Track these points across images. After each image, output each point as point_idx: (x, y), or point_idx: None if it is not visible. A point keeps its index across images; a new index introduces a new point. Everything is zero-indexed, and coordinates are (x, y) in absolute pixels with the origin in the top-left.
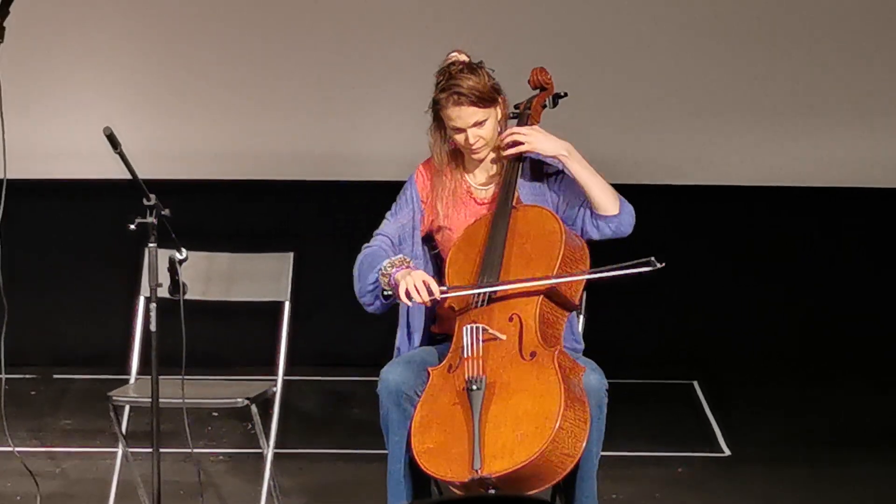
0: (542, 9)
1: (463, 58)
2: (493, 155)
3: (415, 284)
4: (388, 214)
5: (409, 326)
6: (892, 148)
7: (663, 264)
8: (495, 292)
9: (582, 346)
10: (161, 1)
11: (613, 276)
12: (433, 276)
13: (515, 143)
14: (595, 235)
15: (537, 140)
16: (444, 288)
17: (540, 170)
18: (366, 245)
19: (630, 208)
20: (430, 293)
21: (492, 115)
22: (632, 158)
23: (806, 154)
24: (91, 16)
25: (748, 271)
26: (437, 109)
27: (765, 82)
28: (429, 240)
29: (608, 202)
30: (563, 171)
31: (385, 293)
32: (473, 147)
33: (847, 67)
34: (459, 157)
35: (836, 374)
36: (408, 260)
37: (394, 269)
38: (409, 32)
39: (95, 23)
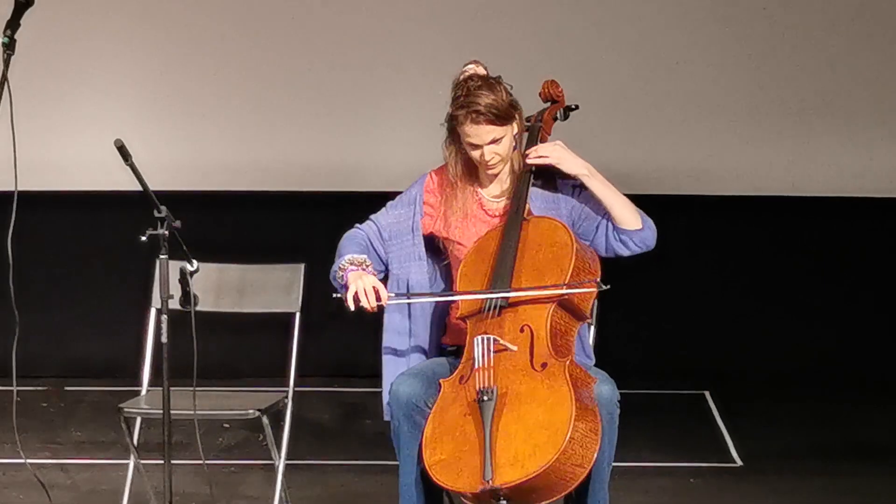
0: (552, 21)
1: (480, 70)
2: (508, 169)
3: (364, 289)
4: (389, 203)
5: (410, 333)
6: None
7: (608, 287)
8: (506, 302)
9: (592, 360)
10: (172, 13)
11: (561, 295)
12: (443, 285)
13: (539, 156)
14: (624, 252)
15: (562, 157)
16: (393, 294)
17: (554, 182)
18: (357, 224)
19: (651, 223)
20: (378, 299)
21: (508, 132)
22: (643, 170)
23: (817, 163)
24: (102, 27)
25: (760, 282)
26: (453, 125)
27: (775, 93)
28: (437, 251)
29: (630, 217)
30: (580, 185)
31: (336, 292)
32: (489, 163)
33: (865, 75)
34: (473, 169)
35: (848, 385)
36: (368, 262)
37: (351, 266)
38: (420, 45)
39: (107, 35)
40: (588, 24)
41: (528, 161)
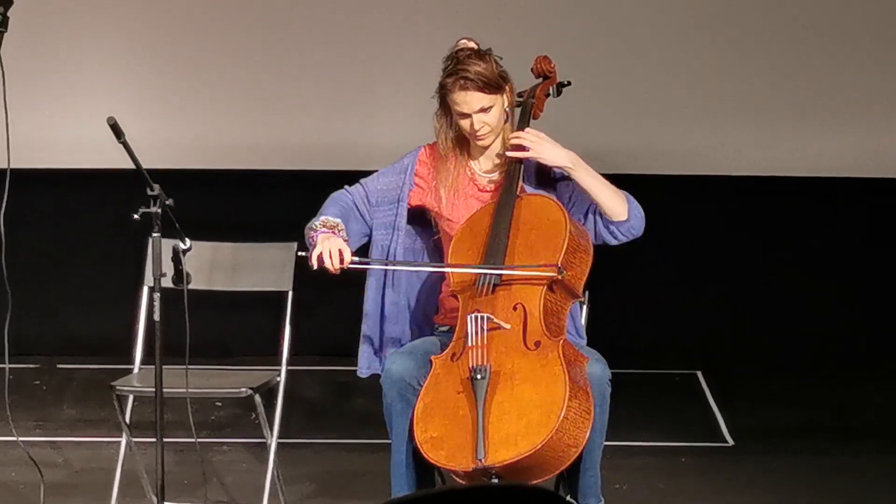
0: None
1: (471, 45)
2: (498, 143)
3: (329, 250)
4: (380, 170)
5: (398, 308)
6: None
7: (566, 272)
8: (500, 281)
9: (584, 339)
10: None
11: (522, 276)
12: (432, 258)
13: (520, 147)
14: (612, 241)
15: (543, 149)
16: (357, 259)
17: (545, 173)
18: (346, 186)
19: (639, 211)
20: (342, 262)
21: (498, 102)
22: (635, 149)
23: (814, 144)
24: (96, 5)
25: (752, 262)
26: (443, 94)
27: (775, 75)
28: (426, 224)
29: (617, 208)
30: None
31: (303, 252)
32: (478, 133)
33: (863, 55)
34: (465, 143)
35: (840, 365)
36: (341, 227)
37: (323, 229)
38: (412, 22)
39: (100, 11)
40: (582, 1)
41: (508, 154)
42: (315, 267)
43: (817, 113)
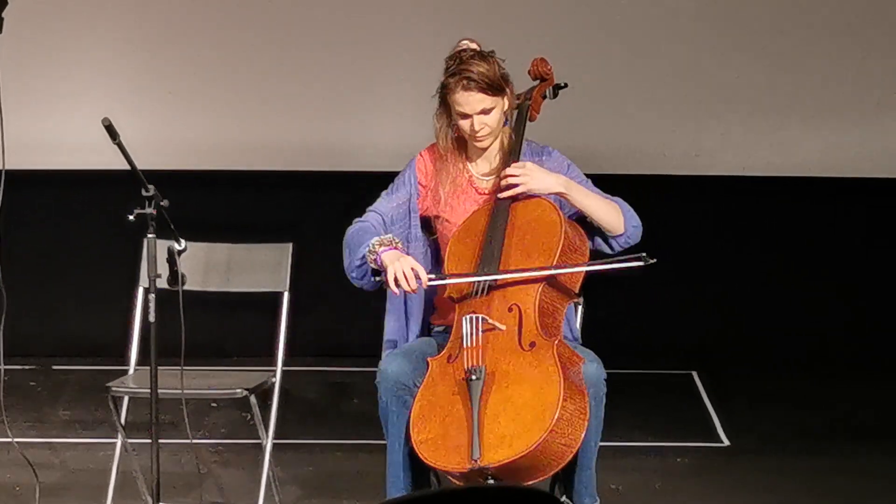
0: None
1: (474, 46)
2: (496, 145)
3: (403, 271)
4: (384, 193)
5: (406, 316)
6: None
7: (654, 260)
8: (495, 282)
9: (579, 340)
10: None
11: (606, 270)
12: (432, 263)
13: (511, 186)
14: (608, 251)
15: (533, 180)
16: (433, 276)
17: None
18: (357, 219)
19: (635, 221)
20: (419, 280)
21: (499, 104)
22: (631, 150)
23: (813, 144)
24: (91, 5)
25: (749, 262)
26: (444, 94)
27: (769, 72)
28: (427, 226)
29: (614, 223)
30: None
31: (375, 276)
32: (478, 135)
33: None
34: (463, 144)
35: (836, 365)
36: (396, 240)
37: (382, 248)
38: (412, 23)
39: (95, 12)
40: (578, 3)
41: (500, 196)
42: (397, 292)
43: (816, 113)
